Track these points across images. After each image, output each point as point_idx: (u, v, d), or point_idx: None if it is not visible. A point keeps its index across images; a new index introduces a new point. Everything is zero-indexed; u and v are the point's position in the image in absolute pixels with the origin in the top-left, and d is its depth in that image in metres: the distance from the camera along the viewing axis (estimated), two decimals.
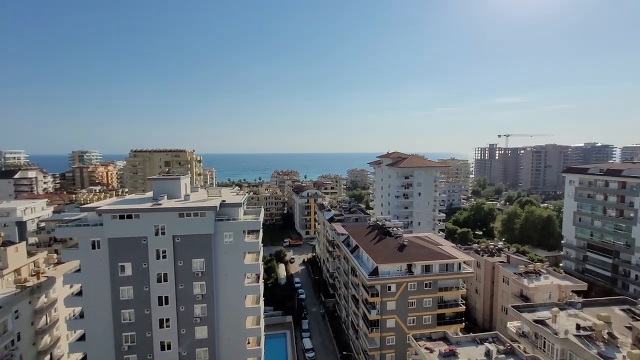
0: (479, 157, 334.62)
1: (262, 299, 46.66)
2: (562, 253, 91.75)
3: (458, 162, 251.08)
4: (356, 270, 56.41)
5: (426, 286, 51.23)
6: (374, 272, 50.68)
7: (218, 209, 40.26)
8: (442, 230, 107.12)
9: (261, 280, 46.55)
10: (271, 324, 66.32)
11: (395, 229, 63.69)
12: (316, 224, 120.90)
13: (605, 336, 36.74)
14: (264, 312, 53.80)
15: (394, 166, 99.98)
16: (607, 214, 78.45)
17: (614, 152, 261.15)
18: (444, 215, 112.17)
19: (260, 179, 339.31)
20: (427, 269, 51.42)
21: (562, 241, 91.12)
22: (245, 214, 46.75)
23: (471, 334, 40.27)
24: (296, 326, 69.41)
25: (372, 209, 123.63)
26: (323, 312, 77.44)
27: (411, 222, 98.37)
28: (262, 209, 49.46)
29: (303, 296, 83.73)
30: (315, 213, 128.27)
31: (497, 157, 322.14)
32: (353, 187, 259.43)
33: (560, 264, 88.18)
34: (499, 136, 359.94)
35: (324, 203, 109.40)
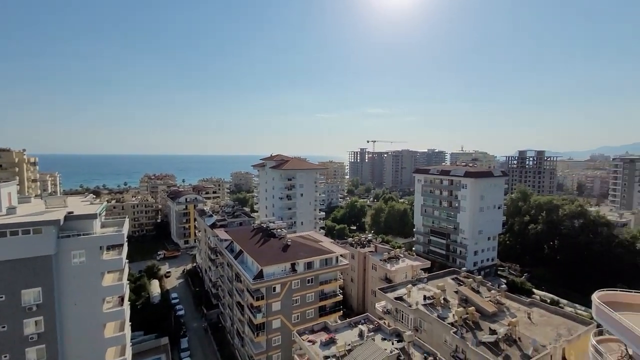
0: (353, 160, 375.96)
1: (128, 324, 40.01)
2: (414, 239, 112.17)
3: (336, 164, 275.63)
4: (241, 276, 54.85)
5: (309, 282, 54.07)
6: (259, 275, 50.36)
7: (62, 222, 32.46)
8: (323, 228, 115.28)
9: (126, 302, 39.86)
10: (142, 350, 57.72)
11: (279, 230, 64.91)
12: (196, 231, 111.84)
13: (442, 301, 46.59)
14: (133, 338, 46.38)
15: (277, 168, 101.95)
16: (442, 205, 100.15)
17: (446, 157, 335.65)
18: (324, 213, 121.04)
19: (126, 185, 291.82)
20: (309, 265, 54.30)
21: (414, 229, 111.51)
22: (103, 226, 39.26)
23: (347, 320, 44.68)
24: (174, 347, 62.37)
25: (257, 211, 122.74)
26: (205, 325, 72.15)
27: (295, 222, 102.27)
28: (127, 219, 42.50)
29: (182, 312, 76.05)
30: (195, 220, 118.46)
31: (366, 160, 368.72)
32: (237, 190, 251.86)
33: (413, 248, 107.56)
34: (368, 142, 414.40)
35: (205, 208, 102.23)
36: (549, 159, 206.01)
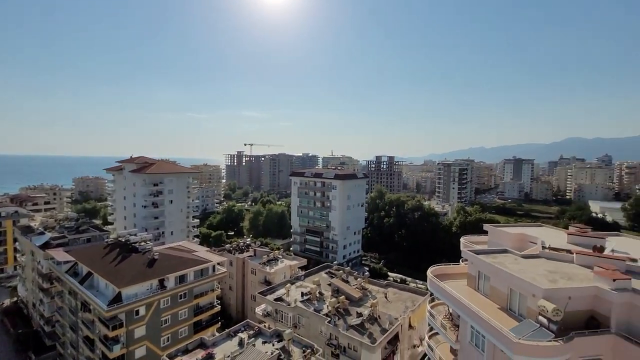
0: (229, 163, 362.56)
1: None
2: (292, 239, 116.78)
3: (211, 167, 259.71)
4: (90, 304, 44.88)
5: (181, 298, 48.93)
6: (116, 299, 42.35)
7: None
8: (197, 236, 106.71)
9: None
10: None
11: (142, 243, 56.28)
12: (18, 255, 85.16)
13: (318, 295, 49.99)
14: None
15: (139, 172, 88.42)
16: (316, 206, 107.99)
17: (319, 160, 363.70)
18: (198, 221, 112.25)
19: None
20: (181, 279, 49.18)
21: (292, 230, 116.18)
22: None
23: (226, 330, 42.53)
24: None
25: (112, 223, 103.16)
26: None
27: (163, 232, 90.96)
28: None
29: None
30: (15, 241, 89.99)
31: (244, 163, 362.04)
32: (84, 199, 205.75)
33: (291, 248, 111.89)
34: (245, 145, 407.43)
35: (33, 224, 79.06)
36: (397, 163, 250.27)
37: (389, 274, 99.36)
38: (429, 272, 29.25)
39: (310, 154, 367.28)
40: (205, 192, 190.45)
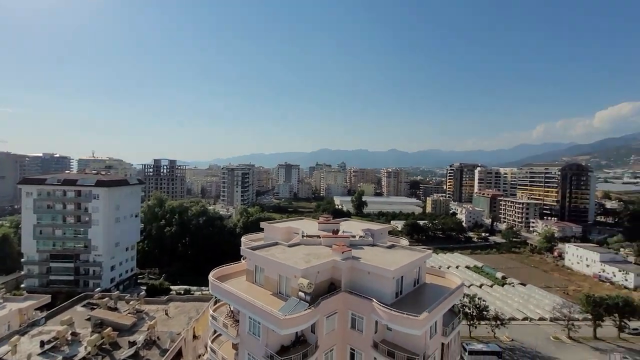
0: None
1: None
2: (23, 272, 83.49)
3: None
4: None
5: None
6: None
7: None
8: None
9: None
10: None
11: None
12: None
13: (70, 337, 38.56)
14: None
15: None
16: (67, 222, 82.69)
17: (72, 163, 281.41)
18: None
19: None
20: None
21: (23, 259, 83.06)
22: None
23: None
24: None
25: None
26: None
27: None
28: None
29: None
30: None
31: None
32: None
33: (22, 285, 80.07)
34: None
35: None
36: (180, 168, 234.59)
37: (172, 287, 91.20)
38: (210, 275, 29.21)
39: (57, 155, 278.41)
40: None
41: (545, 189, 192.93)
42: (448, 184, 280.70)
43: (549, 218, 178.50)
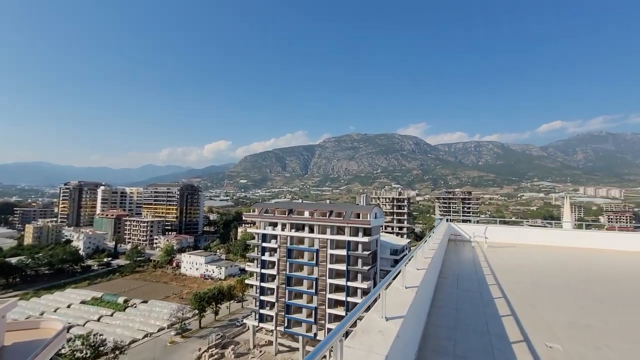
0: None
1: None
2: None
3: None
4: None
5: None
6: None
7: None
8: None
9: None
10: None
11: None
12: None
13: None
14: None
15: None
16: None
17: None
18: None
19: None
20: None
21: None
22: None
23: None
24: None
25: None
26: None
27: None
28: None
29: None
30: None
31: None
32: None
33: None
34: None
35: None
36: None
37: None
38: None
39: None
40: None
41: (168, 206, 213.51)
42: (62, 206, 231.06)
43: (170, 233, 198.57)
